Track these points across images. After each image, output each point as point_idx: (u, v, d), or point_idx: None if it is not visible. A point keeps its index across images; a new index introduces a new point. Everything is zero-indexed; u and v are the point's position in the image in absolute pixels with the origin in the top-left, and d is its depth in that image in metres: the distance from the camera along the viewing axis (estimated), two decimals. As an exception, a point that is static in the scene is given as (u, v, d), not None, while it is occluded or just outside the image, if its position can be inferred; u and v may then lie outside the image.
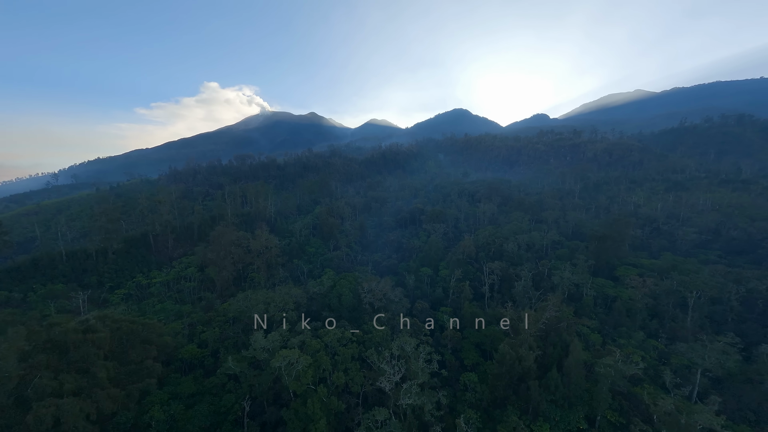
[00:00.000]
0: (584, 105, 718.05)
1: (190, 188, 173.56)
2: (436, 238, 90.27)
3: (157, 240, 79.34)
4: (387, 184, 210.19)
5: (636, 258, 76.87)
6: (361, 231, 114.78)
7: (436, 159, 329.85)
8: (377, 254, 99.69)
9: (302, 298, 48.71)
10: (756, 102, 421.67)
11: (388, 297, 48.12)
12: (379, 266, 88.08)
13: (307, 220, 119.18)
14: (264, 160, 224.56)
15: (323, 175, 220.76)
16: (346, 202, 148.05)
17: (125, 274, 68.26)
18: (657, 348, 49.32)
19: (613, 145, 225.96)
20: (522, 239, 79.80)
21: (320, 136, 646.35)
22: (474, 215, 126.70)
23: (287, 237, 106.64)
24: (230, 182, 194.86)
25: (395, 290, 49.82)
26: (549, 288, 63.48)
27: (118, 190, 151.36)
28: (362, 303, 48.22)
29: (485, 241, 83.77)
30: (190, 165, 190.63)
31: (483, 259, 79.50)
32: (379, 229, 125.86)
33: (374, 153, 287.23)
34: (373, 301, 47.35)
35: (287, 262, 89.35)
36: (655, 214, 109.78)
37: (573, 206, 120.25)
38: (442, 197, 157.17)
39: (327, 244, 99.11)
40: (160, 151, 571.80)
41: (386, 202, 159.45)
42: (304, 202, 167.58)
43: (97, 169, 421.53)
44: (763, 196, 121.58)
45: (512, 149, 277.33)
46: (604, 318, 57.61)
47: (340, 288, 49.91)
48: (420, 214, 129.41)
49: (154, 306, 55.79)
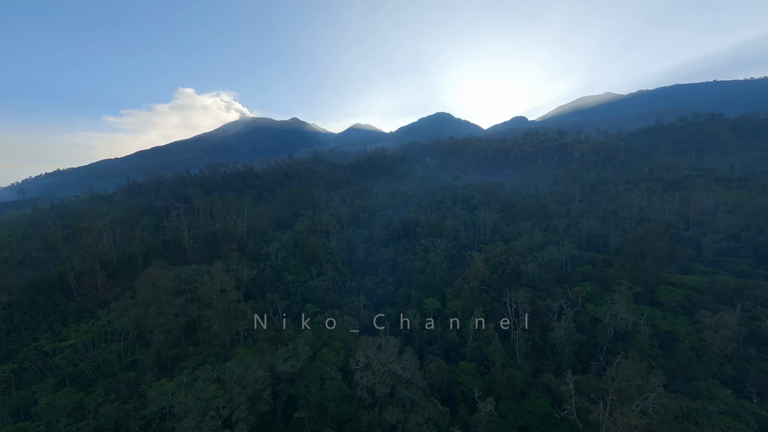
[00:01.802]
0: (559, 107, 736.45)
1: (151, 203, 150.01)
2: (438, 257, 75.26)
3: (81, 280, 59.26)
4: (375, 191, 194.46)
5: (672, 275, 65.01)
6: (348, 248, 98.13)
7: (423, 163, 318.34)
8: (369, 278, 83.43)
9: (263, 383, 31.10)
10: (713, 103, 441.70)
11: (396, 374, 31.85)
12: (373, 296, 71.83)
13: (286, 237, 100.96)
14: (240, 169, 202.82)
15: (306, 183, 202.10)
16: (331, 214, 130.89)
17: (25, 336, 48.29)
18: (755, 413, 36.15)
19: (599, 145, 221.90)
20: (542, 257, 66.16)
21: (303, 142, 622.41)
22: (473, 224, 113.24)
23: (262, 261, 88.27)
24: (201, 194, 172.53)
25: (405, 357, 33.54)
26: (590, 324, 49.72)
27: (61, 209, 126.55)
28: (356, 389, 31.41)
29: (497, 261, 69.60)
30: (152, 176, 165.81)
31: (498, 284, 65.18)
32: (370, 244, 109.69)
33: (360, 158, 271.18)
34: (372, 383, 30.96)
35: (259, 296, 71.35)
36: (664, 216, 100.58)
37: (579, 211, 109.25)
38: (436, 204, 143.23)
39: (309, 268, 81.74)
40: (130, 161, 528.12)
41: (375, 211, 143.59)
42: (284, 214, 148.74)
43: (54, 182, 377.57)
44: (763, 194, 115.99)
45: (499, 151, 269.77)
46: (664, 363, 44.28)
47: (321, 366, 33.12)
48: (414, 225, 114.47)
49: (45, 393, 36.88)
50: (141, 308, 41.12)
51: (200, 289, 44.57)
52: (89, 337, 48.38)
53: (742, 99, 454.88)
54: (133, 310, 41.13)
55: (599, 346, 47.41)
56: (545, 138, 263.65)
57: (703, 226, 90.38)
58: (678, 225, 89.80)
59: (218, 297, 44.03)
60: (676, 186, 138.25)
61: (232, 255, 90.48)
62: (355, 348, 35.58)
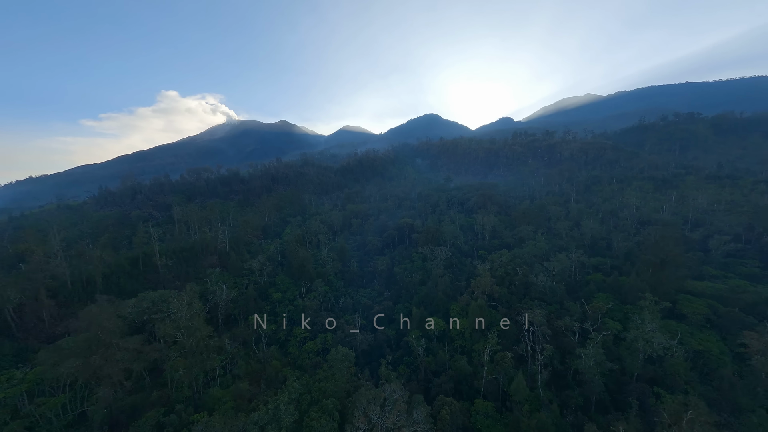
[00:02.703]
0: (543, 108, 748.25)
1: (126, 213, 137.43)
2: (438, 268, 68.44)
3: (24, 312, 49.06)
4: (366, 194, 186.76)
5: (688, 281, 60.29)
6: (341, 258, 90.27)
7: (414, 164, 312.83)
8: (364, 291, 75.88)
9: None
10: (686, 103, 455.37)
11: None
12: (369, 313, 64.23)
13: (272, 248, 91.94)
14: (225, 174, 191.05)
15: (295, 187, 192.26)
16: (321, 221, 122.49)
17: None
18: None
19: (588, 145, 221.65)
20: (552, 267, 60.29)
21: (292, 145, 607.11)
22: (471, 228, 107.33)
23: (245, 276, 79.20)
24: (183, 202, 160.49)
25: (416, 415, 26.10)
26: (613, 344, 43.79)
27: (22, 221, 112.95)
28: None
29: (504, 272, 63.35)
30: (127, 183, 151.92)
31: (506, 298, 58.89)
32: (363, 252, 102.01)
33: (350, 160, 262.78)
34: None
35: (241, 319, 62.63)
36: (664, 216, 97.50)
37: (578, 213, 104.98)
38: (431, 207, 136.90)
39: (298, 283, 73.45)
40: (110, 167, 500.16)
41: (368, 216, 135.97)
42: (272, 221, 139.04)
43: (26, 190, 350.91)
44: (755, 192, 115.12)
45: (490, 152, 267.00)
46: (703, 391, 38.72)
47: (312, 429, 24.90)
48: (410, 230, 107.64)
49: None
50: (79, 358, 32.03)
51: (160, 328, 35.79)
52: (25, 387, 38.80)
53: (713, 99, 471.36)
54: (68, 362, 31.97)
55: (628, 372, 41.57)
56: (534, 138, 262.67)
57: (705, 227, 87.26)
58: (681, 225, 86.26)
59: (185, 334, 35.50)
60: (667, 184, 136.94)
61: (211, 271, 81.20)
62: (353, 407, 28.01)
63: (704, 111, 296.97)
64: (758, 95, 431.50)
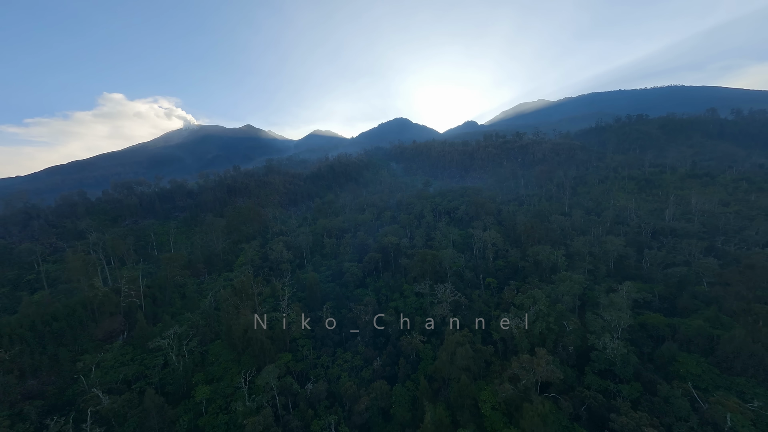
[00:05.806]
0: (503, 112, 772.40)
1: (13, 245, 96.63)
2: (455, 335, 45.07)
3: None
4: (340, 204, 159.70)
5: None
6: (310, 300, 63.93)
7: (389, 168, 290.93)
8: (344, 355, 50.33)
9: None
10: (622, 107, 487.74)
11: None
12: (353, 405, 39.14)
13: (206, 303, 61.52)
14: (167, 187, 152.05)
15: (256, 199, 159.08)
16: (285, 244, 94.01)
17: None
18: None
19: (558, 145, 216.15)
20: (611, 319, 40.01)
21: (259, 150, 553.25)
22: (467, 245, 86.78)
23: (159, 355, 49.19)
24: (105, 225, 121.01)
25: None
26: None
27: None
28: None
29: (540, 329, 41.95)
30: (15, 204, 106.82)
31: (568, 383, 37.29)
32: (340, 285, 75.89)
33: (322, 166, 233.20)
34: None
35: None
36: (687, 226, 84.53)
37: (586, 223, 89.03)
38: (416, 219, 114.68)
39: (240, 360, 45.90)
40: (38, 179, 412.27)
41: (345, 233, 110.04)
42: (221, 247, 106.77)
43: None
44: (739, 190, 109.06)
45: (464, 154, 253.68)
46: None
47: None
48: (396, 252, 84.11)
49: None
50: None
51: None
52: None
53: (643, 104, 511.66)
54: None
55: None
56: (506, 140, 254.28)
57: (726, 235, 74.90)
58: (714, 238, 72.42)
59: None
60: (650, 184, 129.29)
61: (108, 348, 50.75)
62: None
63: (637, 114, 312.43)
64: (672, 101, 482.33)
